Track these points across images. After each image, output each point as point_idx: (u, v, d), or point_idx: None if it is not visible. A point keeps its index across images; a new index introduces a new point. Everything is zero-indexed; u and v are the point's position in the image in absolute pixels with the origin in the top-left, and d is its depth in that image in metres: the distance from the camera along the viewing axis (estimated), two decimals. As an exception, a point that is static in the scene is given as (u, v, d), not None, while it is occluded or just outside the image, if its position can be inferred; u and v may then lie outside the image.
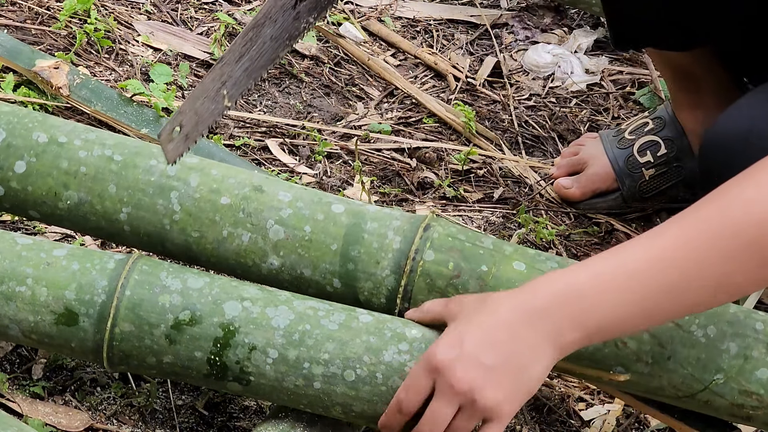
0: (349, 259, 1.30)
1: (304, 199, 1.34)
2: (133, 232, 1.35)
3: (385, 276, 1.30)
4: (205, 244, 1.33)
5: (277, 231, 1.32)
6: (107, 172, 1.35)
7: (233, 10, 2.24)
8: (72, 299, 1.25)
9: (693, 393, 1.26)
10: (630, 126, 1.89)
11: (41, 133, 1.37)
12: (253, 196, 1.33)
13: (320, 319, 1.22)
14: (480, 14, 2.38)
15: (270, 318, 1.22)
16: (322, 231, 1.31)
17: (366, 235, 1.31)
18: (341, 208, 1.33)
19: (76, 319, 1.24)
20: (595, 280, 1.16)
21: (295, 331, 1.21)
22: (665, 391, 1.27)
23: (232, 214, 1.32)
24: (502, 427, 1.18)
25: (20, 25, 2.06)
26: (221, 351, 1.22)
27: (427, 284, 1.28)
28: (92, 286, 1.25)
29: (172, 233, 1.34)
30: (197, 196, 1.33)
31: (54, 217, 1.38)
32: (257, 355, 1.21)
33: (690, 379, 1.26)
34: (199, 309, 1.23)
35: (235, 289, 1.25)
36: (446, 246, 1.29)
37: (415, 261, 1.29)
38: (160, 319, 1.23)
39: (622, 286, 1.15)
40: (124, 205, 1.34)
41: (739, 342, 1.26)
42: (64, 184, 1.35)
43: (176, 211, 1.33)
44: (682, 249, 1.14)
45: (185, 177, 1.34)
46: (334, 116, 2.06)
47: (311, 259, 1.31)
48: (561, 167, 1.92)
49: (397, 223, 1.32)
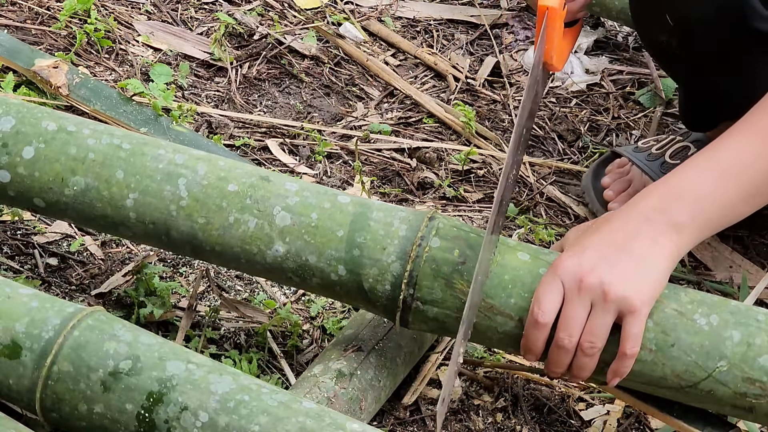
0: (355, 245, 1.30)
1: (311, 190, 1.34)
2: (138, 219, 1.35)
3: (391, 262, 1.29)
4: (211, 231, 1.33)
5: (284, 217, 1.32)
6: (115, 158, 1.35)
7: (233, 10, 2.24)
8: (21, 332, 1.23)
9: (696, 382, 1.26)
10: (669, 149, 1.88)
11: (50, 122, 1.37)
12: (260, 184, 1.34)
13: (262, 394, 1.18)
14: (480, 14, 2.38)
15: (210, 383, 1.18)
16: (328, 218, 1.32)
17: (372, 222, 1.31)
18: (347, 199, 1.34)
19: (19, 353, 1.23)
20: (695, 176, 1.27)
21: (231, 399, 1.17)
22: (668, 381, 1.27)
23: (239, 200, 1.33)
24: (640, 319, 1.20)
25: (20, 25, 2.06)
26: (152, 406, 1.18)
27: (432, 270, 1.28)
28: (44, 323, 1.24)
29: (178, 220, 1.34)
30: (205, 182, 1.34)
31: (59, 205, 1.37)
32: (187, 417, 1.17)
33: (693, 366, 1.25)
34: (141, 361, 1.20)
35: (186, 354, 1.23)
36: (451, 234, 1.30)
37: (421, 247, 1.29)
38: (100, 363, 1.20)
39: (720, 177, 1.27)
40: (131, 191, 1.34)
41: (742, 330, 1.26)
42: (71, 170, 1.35)
43: (183, 197, 1.33)
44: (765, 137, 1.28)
45: (193, 165, 1.35)
46: (334, 116, 2.06)
47: (317, 245, 1.31)
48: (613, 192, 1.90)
49: (402, 214, 1.33)
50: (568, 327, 1.21)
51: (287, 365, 1.53)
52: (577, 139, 2.08)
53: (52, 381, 1.22)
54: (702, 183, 1.26)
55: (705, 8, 1.51)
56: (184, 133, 1.83)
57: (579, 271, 1.20)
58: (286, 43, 2.17)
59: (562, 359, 1.23)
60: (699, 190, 1.26)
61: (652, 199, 1.26)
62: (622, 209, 1.27)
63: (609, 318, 1.20)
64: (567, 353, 1.22)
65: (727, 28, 1.50)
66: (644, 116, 2.14)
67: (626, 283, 1.19)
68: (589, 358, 1.22)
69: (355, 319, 1.49)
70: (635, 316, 1.20)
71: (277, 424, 1.15)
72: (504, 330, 1.27)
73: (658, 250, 1.22)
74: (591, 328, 1.20)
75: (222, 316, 1.59)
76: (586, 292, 1.19)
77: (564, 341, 1.21)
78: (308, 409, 1.18)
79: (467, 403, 1.53)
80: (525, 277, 1.27)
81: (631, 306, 1.19)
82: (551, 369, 1.25)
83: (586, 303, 1.20)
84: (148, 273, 1.57)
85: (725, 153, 1.29)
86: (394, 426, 1.48)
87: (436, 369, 1.56)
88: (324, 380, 1.36)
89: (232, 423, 1.16)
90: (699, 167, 1.29)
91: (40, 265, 1.62)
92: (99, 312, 1.27)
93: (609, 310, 1.19)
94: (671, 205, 1.24)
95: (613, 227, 1.24)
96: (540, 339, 1.22)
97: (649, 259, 1.21)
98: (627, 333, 1.21)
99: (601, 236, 1.23)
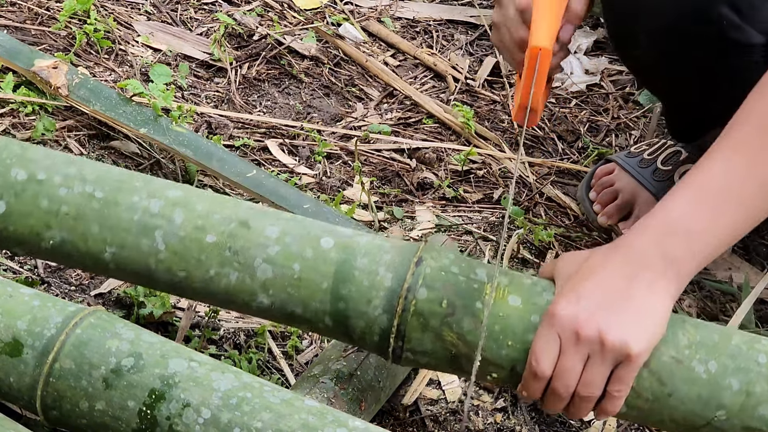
0: (340, 298, 1.26)
1: (293, 234, 1.29)
2: (119, 269, 1.32)
3: (378, 315, 1.24)
4: (192, 283, 1.29)
5: (265, 269, 1.27)
6: (89, 210, 1.30)
7: (233, 11, 2.24)
8: (22, 329, 1.23)
9: (696, 427, 1.24)
10: (661, 155, 1.87)
11: (20, 170, 1.33)
12: (239, 233, 1.28)
13: (264, 391, 1.18)
14: (479, 15, 2.38)
15: (213, 380, 1.18)
16: (311, 269, 1.26)
17: (356, 272, 1.26)
18: (330, 243, 1.28)
19: (21, 350, 1.22)
20: (687, 210, 1.23)
21: (234, 396, 1.17)
22: (666, 425, 1.25)
23: (219, 252, 1.28)
24: (634, 368, 1.18)
25: (20, 25, 2.05)
26: (155, 403, 1.18)
27: (420, 323, 1.24)
28: (46, 321, 1.24)
29: (158, 272, 1.30)
30: (182, 234, 1.29)
31: (39, 254, 1.35)
32: (189, 413, 1.17)
33: (691, 415, 1.23)
34: (144, 358, 1.20)
35: (188, 353, 1.22)
36: (439, 281, 1.24)
37: (407, 300, 1.23)
38: (102, 360, 1.20)
39: (715, 203, 1.23)
40: (107, 245, 1.30)
41: (741, 377, 1.22)
42: (46, 224, 1.31)
43: (161, 250, 1.29)
44: (756, 150, 1.25)
45: (169, 214, 1.30)
46: (333, 117, 2.06)
47: (301, 298, 1.26)
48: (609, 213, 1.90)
49: (387, 258, 1.27)
50: (566, 378, 1.19)
51: (287, 366, 1.53)
52: (576, 140, 2.08)
53: (53, 378, 1.22)
54: (694, 216, 1.22)
55: (676, 21, 1.50)
56: (184, 134, 1.83)
57: (575, 322, 1.17)
58: (286, 43, 2.17)
59: (558, 404, 1.22)
60: (692, 224, 1.22)
61: (646, 237, 1.22)
62: (617, 248, 1.22)
63: (606, 368, 1.18)
64: (563, 400, 1.21)
65: (700, 38, 1.49)
66: (644, 116, 2.14)
67: (624, 333, 1.17)
68: (586, 403, 1.21)
69: (354, 320, 1.48)
70: (630, 365, 1.18)
71: (279, 421, 1.15)
72: (496, 377, 1.25)
73: (655, 297, 1.19)
74: (588, 379, 1.19)
75: (221, 317, 1.59)
76: (584, 344, 1.17)
77: (560, 390, 1.20)
78: (310, 407, 1.17)
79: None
80: (516, 326, 1.23)
81: (628, 356, 1.17)
82: (547, 409, 1.24)
83: (583, 354, 1.18)
84: (148, 273, 1.57)
85: (713, 180, 1.24)
86: (393, 426, 1.48)
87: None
88: (324, 381, 1.36)
89: (234, 419, 1.16)
90: (687, 199, 1.24)
91: (40, 266, 1.62)
92: (100, 311, 1.27)
93: (606, 361, 1.18)
94: (665, 240, 1.21)
95: (608, 273, 1.20)
96: (539, 389, 1.21)
97: (647, 307, 1.19)
98: (616, 376, 1.19)
99: (597, 282, 1.19)
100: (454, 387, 1.54)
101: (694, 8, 1.46)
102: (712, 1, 1.44)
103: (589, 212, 1.87)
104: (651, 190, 1.83)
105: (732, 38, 1.47)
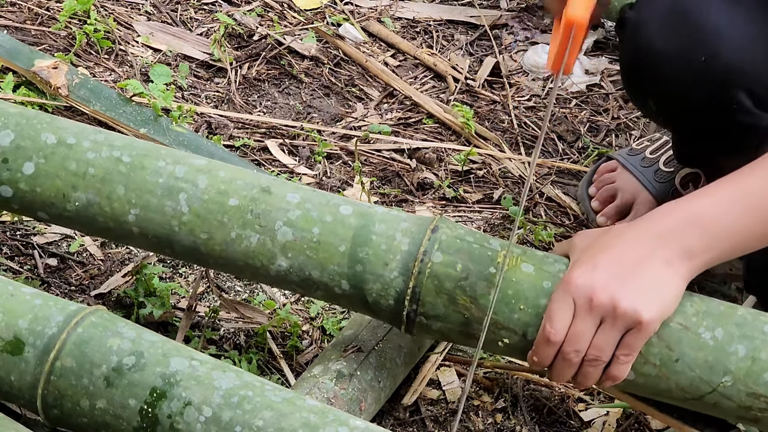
0: (357, 261, 1.29)
1: (313, 201, 1.33)
2: (141, 233, 1.35)
3: (394, 278, 1.28)
4: (214, 246, 1.33)
5: (286, 232, 1.31)
6: (116, 173, 1.34)
7: (233, 11, 2.24)
8: (24, 328, 1.24)
9: (701, 395, 1.26)
10: (663, 155, 1.86)
11: (50, 134, 1.36)
12: (261, 197, 1.32)
13: (265, 390, 1.19)
14: (479, 15, 2.38)
15: (214, 379, 1.19)
16: (330, 232, 1.30)
17: (374, 236, 1.30)
18: (350, 210, 1.32)
19: (22, 349, 1.23)
20: (718, 205, 1.25)
21: (235, 394, 1.17)
22: (672, 393, 1.27)
23: (241, 215, 1.32)
24: (644, 336, 1.21)
25: (20, 25, 2.06)
26: (156, 402, 1.19)
27: (435, 286, 1.27)
28: (47, 320, 1.24)
29: (181, 235, 1.33)
30: (206, 197, 1.32)
31: (62, 218, 1.37)
32: (190, 411, 1.17)
33: (698, 381, 1.25)
34: (145, 357, 1.21)
35: (189, 352, 1.23)
36: (454, 248, 1.28)
37: (423, 263, 1.28)
38: (103, 359, 1.21)
39: (745, 209, 1.24)
40: (132, 206, 1.33)
41: (747, 344, 1.25)
42: (72, 186, 1.34)
43: (185, 213, 1.32)
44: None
45: (193, 179, 1.33)
46: (333, 117, 2.06)
47: (319, 260, 1.30)
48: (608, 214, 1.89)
49: (405, 225, 1.31)
50: (577, 343, 1.22)
51: (287, 366, 1.53)
52: (576, 140, 2.08)
53: (54, 377, 1.22)
54: (725, 215, 1.24)
55: (691, 91, 1.47)
56: (184, 134, 1.83)
57: (590, 289, 1.21)
58: (286, 43, 2.17)
59: (567, 370, 1.25)
60: (721, 222, 1.24)
61: (669, 222, 1.24)
62: (637, 225, 1.26)
63: (617, 333, 1.21)
64: (573, 366, 1.24)
65: (712, 113, 1.48)
66: (644, 117, 2.14)
67: (636, 301, 1.20)
68: (594, 368, 1.24)
69: (354, 320, 1.49)
70: (640, 332, 1.21)
71: (281, 419, 1.15)
72: (507, 343, 1.27)
73: (670, 273, 1.22)
74: (598, 343, 1.22)
75: (221, 317, 1.59)
76: (597, 310, 1.20)
77: (571, 355, 1.23)
78: (311, 406, 1.18)
79: (467, 404, 1.53)
80: (529, 291, 1.26)
81: (639, 322, 1.20)
82: (555, 377, 1.26)
83: (596, 320, 1.21)
84: (148, 273, 1.57)
85: (753, 186, 1.26)
86: (393, 426, 1.48)
87: (436, 369, 1.56)
88: (324, 381, 1.36)
89: (236, 418, 1.16)
90: (722, 198, 1.26)
91: (40, 266, 1.62)
92: (102, 310, 1.27)
93: (617, 326, 1.21)
94: (688, 231, 1.23)
95: (626, 246, 1.23)
96: (550, 355, 1.24)
97: (661, 281, 1.22)
98: (625, 342, 1.22)
99: (614, 254, 1.23)
100: (454, 387, 1.55)
101: (711, 93, 1.45)
102: (731, 85, 1.43)
103: (588, 212, 1.87)
104: (651, 191, 1.83)
105: (744, 122, 1.47)
